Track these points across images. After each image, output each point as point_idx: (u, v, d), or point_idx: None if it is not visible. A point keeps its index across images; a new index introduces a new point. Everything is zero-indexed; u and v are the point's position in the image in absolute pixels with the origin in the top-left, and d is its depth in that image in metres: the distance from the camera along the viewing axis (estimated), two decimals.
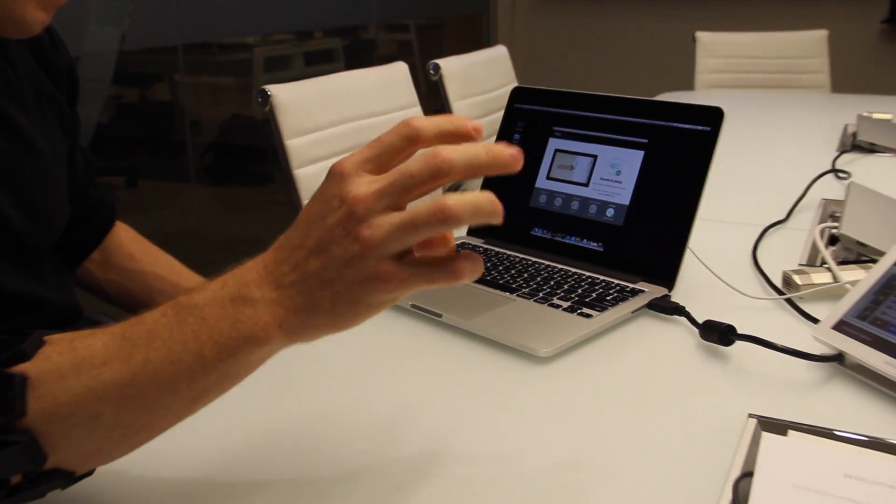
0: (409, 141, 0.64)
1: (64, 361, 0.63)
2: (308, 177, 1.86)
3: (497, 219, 0.61)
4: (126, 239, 1.29)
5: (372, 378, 0.96)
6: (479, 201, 0.60)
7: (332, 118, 1.97)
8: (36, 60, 1.04)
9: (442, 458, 0.79)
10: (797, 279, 1.15)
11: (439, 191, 0.66)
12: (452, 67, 2.59)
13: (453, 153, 0.61)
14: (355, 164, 0.63)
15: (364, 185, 0.61)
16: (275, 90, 1.83)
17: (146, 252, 1.30)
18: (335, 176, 0.63)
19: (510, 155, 0.61)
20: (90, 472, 0.69)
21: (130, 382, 0.62)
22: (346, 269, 0.61)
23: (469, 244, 1.32)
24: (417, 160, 0.61)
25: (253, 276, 0.64)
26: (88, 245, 1.24)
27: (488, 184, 1.37)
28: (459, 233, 1.38)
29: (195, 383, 0.63)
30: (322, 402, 0.90)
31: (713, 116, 1.17)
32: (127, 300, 1.27)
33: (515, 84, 1.58)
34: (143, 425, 0.65)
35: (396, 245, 0.61)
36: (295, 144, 1.85)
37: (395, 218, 0.61)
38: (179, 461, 0.78)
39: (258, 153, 4.34)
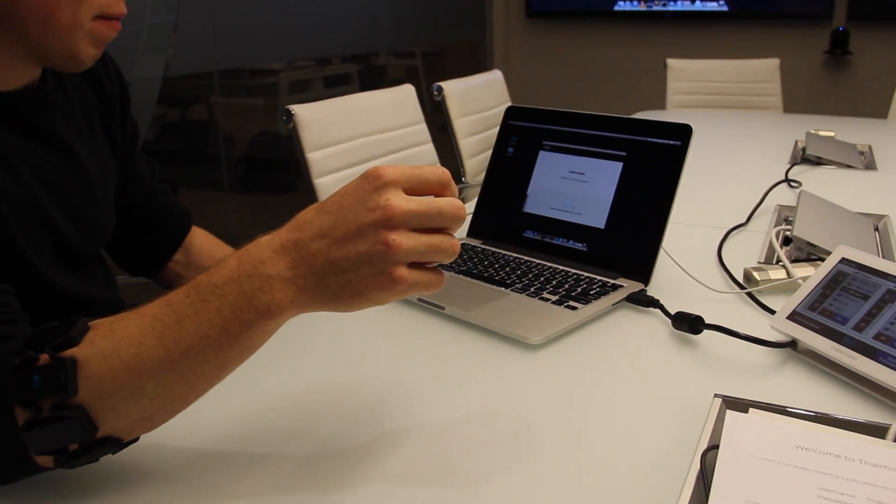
0: (441, 185, 0.68)
1: (106, 344, 0.64)
2: (326, 186, 1.85)
3: None
4: (206, 242, 1.28)
5: (380, 362, 0.96)
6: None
7: (347, 134, 1.96)
8: (91, 90, 1.04)
9: (443, 432, 0.79)
10: (756, 275, 1.15)
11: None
12: (453, 89, 2.58)
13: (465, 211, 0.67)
14: (395, 179, 0.65)
15: (403, 200, 0.64)
16: (297, 109, 1.83)
17: (225, 253, 1.28)
18: (375, 180, 0.64)
19: None
20: (136, 439, 0.70)
21: (165, 357, 0.64)
22: (365, 264, 0.63)
23: (469, 244, 1.32)
24: (449, 204, 0.66)
25: (269, 254, 0.65)
26: (169, 248, 1.23)
27: (488, 190, 1.37)
28: (460, 234, 1.38)
29: (221, 353, 0.65)
30: (332, 381, 0.91)
31: (683, 132, 1.17)
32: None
33: (509, 104, 1.58)
34: (179, 394, 0.67)
35: (415, 258, 0.65)
36: (315, 157, 1.84)
37: (422, 238, 0.64)
38: (208, 430, 0.78)
39: (283, 165, 4.33)
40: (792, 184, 1.83)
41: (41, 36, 0.84)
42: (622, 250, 1.19)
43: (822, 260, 1.06)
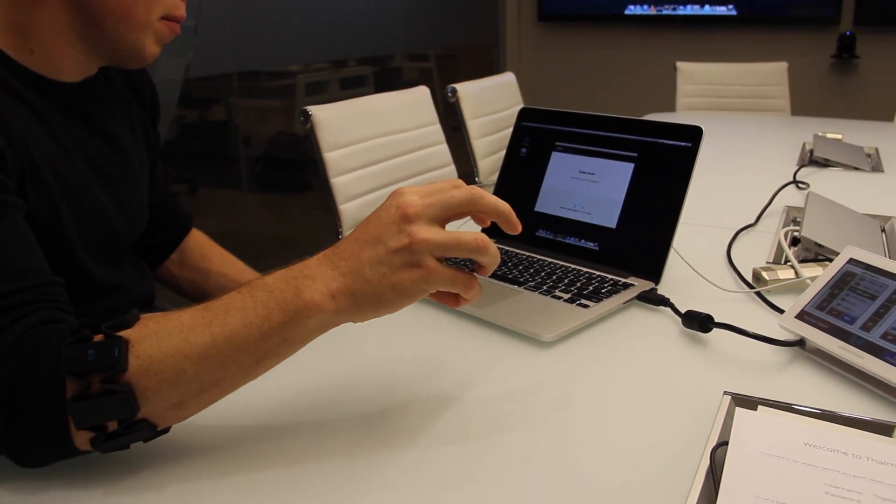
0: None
1: (158, 328, 0.67)
2: (343, 185, 1.86)
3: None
4: (199, 242, 1.31)
5: (395, 357, 0.96)
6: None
7: (363, 134, 1.96)
8: (132, 92, 1.10)
9: (456, 427, 0.79)
10: (765, 275, 1.15)
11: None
12: (467, 91, 2.58)
13: (492, 247, 0.75)
14: (413, 189, 0.71)
15: (417, 198, 0.69)
16: (315, 110, 1.83)
17: (216, 254, 1.32)
18: (394, 194, 0.71)
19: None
20: (166, 430, 0.71)
21: (211, 343, 0.66)
22: (395, 255, 0.68)
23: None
24: (462, 195, 0.73)
25: (314, 261, 0.70)
26: (169, 247, 1.27)
27: (501, 189, 1.37)
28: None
29: (261, 344, 0.68)
30: (346, 374, 0.91)
31: (693, 134, 1.17)
32: (199, 295, 1.29)
33: (522, 105, 1.58)
34: (216, 382, 0.69)
35: (438, 250, 0.69)
36: (331, 157, 1.85)
37: (442, 232, 0.70)
38: (243, 413, 0.79)
39: (300, 165, 4.35)
40: (800, 185, 1.82)
41: (116, 29, 0.90)
42: (633, 250, 1.18)
43: (830, 260, 1.05)
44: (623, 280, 1.14)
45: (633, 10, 5.41)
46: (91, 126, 0.98)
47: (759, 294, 1.12)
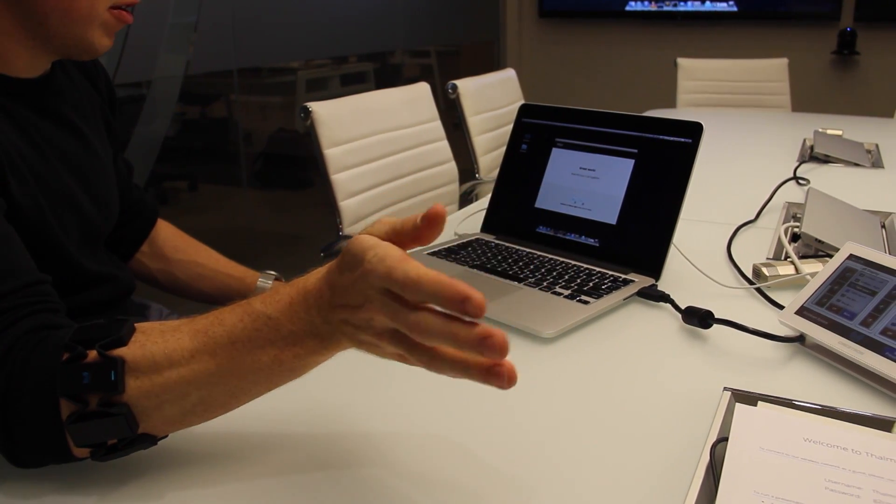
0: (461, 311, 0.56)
1: (157, 350, 0.65)
2: (343, 181, 1.86)
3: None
4: (170, 234, 1.31)
5: None
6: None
7: (363, 131, 1.96)
8: (87, 80, 1.10)
9: (456, 422, 0.79)
10: (765, 271, 1.15)
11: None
12: (468, 87, 2.58)
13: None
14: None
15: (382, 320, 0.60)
16: (315, 107, 1.83)
17: (188, 244, 1.32)
18: (377, 279, 0.58)
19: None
20: (165, 436, 0.70)
21: (215, 372, 0.65)
22: (364, 333, 0.62)
23: (483, 240, 1.32)
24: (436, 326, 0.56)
25: (314, 300, 0.63)
26: (137, 239, 1.26)
27: (501, 185, 1.37)
28: (473, 229, 1.38)
29: (272, 378, 0.66)
30: (348, 373, 0.91)
31: (694, 130, 1.17)
32: (174, 285, 1.30)
33: (523, 101, 1.57)
34: (222, 404, 0.68)
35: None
36: (332, 153, 1.84)
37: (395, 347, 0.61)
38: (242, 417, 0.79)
39: (300, 161, 4.34)
40: (800, 181, 1.82)
41: (61, 25, 0.90)
42: (633, 246, 1.18)
43: (830, 256, 1.05)
44: (623, 276, 1.14)
45: (633, 6, 5.41)
46: (56, 120, 0.98)
47: (759, 290, 1.12)
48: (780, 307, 1.04)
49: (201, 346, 0.65)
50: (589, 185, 1.26)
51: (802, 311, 0.95)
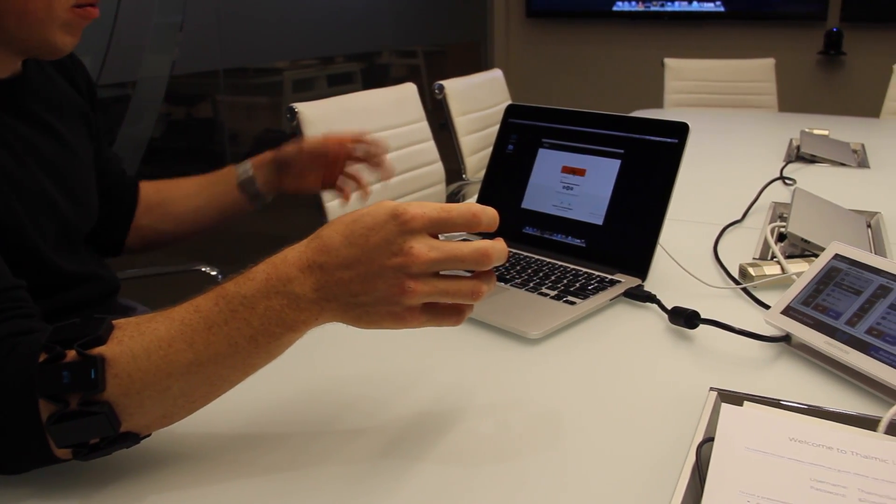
0: (469, 227, 0.68)
1: (135, 344, 0.65)
2: None
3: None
4: (150, 188, 1.29)
5: (378, 354, 0.96)
6: (494, 282, 0.71)
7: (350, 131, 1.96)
8: (63, 77, 1.09)
9: (442, 425, 0.79)
10: (751, 271, 1.15)
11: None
12: (455, 88, 2.58)
13: (495, 254, 0.68)
14: (423, 224, 0.66)
15: (426, 248, 0.65)
16: (301, 107, 1.83)
17: (167, 183, 1.31)
18: (403, 223, 0.65)
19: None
20: (149, 434, 0.70)
21: (194, 361, 0.65)
22: (380, 304, 0.66)
23: (469, 241, 1.32)
24: (470, 251, 0.67)
25: (296, 273, 0.67)
26: (129, 210, 1.25)
27: (488, 186, 1.37)
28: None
29: (249, 360, 0.67)
30: (328, 374, 0.90)
31: (680, 130, 1.17)
32: (174, 226, 1.30)
33: (509, 102, 1.58)
34: (203, 394, 0.68)
35: (429, 300, 0.67)
36: None
37: (440, 284, 0.67)
38: (225, 416, 0.78)
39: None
40: (786, 181, 1.83)
41: (19, 28, 0.89)
42: (620, 246, 1.19)
43: (816, 256, 1.06)
44: (610, 277, 1.14)
45: (621, 6, 5.42)
46: (31, 120, 0.97)
47: (745, 290, 1.12)
48: (767, 307, 1.04)
49: (178, 335, 0.65)
50: (575, 185, 1.26)
51: (788, 311, 0.95)
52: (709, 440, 0.69)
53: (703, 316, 0.99)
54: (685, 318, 0.99)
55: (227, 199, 1.29)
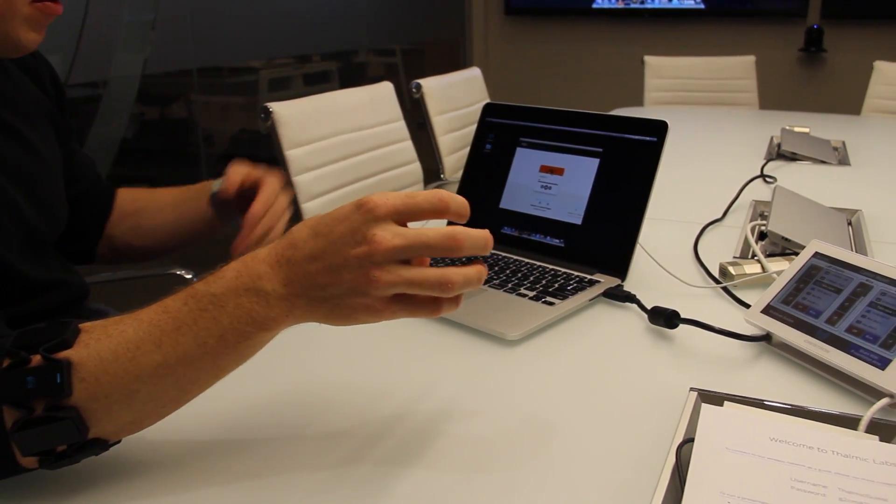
0: (436, 213, 0.67)
1: (102, 347, 0.64)
2: (306, 183, 1.85)
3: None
4: (126, 196, 1.26)
5: (356, 358, 0.95)
6: (471, 276, 0.67)
7: (326, 131, 1.96)
8: (29, 79, 1.06)
9: (421, 428, 0.79)
10: (732, 270, 1.16)
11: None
12: (432, 86, 2.58)
13: (467, 240, 0.66)
14: (387, 211, 0.65)
15: (389, 235, 0.64)
16: (276, 107, 1.82)
17: (144, 192, 1.27)
18: (367, 212, 0.65)
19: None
20: (118, 441, 0.69)
21: (162, 362, 0.64)
22: (349, 295, 0.65)
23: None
24: (437, 236, 0.65)
25: (265, 269, 0.66)
26: (103, 214, 1.23)
27: (465, 186, 1.36)
28: None
29: (218, 360, 0.66)
30: (305, 377, 0.90)
31: (659, 129, 1.18)
32: (145, 238, 1.25)
33: (488, 100, 1.58)
34: (172, 398, 0.67)
35: (397, 290, 0.66)
36: (294, 154, 1.84)
37: (405, 273, 0.65)
38: (200, 421, 0.78)
39: (263, 162, 4.32)
40: (767, 179, 1.84)
41: None
42: (599, 246, 1.19)
43: (797, 254, 1.06)
44: (589, 277, 1.14)
45: (600, 3, 5.44)
46: None
47: (725, 289, 1.13)
48: (747, 306, 1.05)
49: (146, 337, 0.64)
50: (554, 184, 1.26)
51: (768, 310, 0.96)
52: (689, 441, 0.69)
53: (683, 315, 0.99)
54: (665, 318, 0.99)
55: (197, 215, 1.22)
